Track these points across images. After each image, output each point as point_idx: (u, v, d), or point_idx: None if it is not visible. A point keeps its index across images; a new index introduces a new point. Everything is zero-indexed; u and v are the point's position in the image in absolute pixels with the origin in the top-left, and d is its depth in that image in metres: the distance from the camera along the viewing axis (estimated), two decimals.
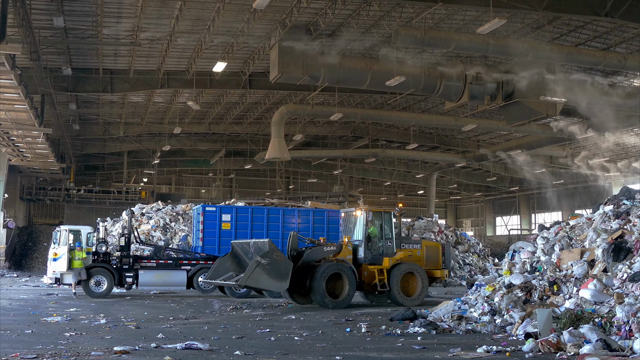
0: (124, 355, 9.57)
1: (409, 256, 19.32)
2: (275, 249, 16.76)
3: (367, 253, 18.75)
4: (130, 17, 24.72)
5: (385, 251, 18.93)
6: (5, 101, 24.42)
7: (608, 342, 9.88)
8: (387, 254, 18.92)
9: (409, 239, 20.79)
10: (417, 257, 19.59)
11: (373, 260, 18.77)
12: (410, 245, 19.72)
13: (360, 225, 19.12)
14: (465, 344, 10.98)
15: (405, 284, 18.95)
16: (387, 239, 19.07)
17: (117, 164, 53.76)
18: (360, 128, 45.69)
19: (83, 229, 22.97)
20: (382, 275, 18.58)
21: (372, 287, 18.64)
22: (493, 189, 66.09)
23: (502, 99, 27.66)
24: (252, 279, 16.21)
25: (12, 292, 22.27)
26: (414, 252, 19.56)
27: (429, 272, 19.51)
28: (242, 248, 18.41)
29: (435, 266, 19.89)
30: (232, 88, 33.48)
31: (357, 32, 26.01)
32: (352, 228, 19.51)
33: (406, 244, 19.69)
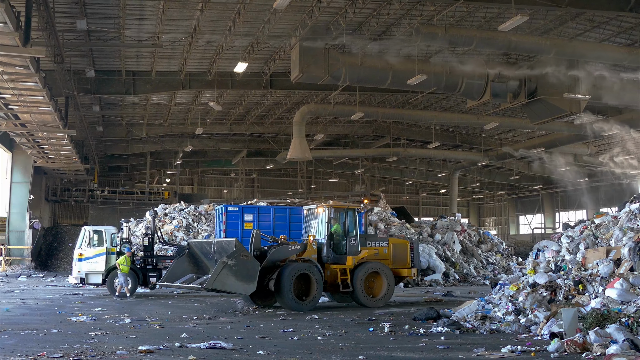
0: (149, 354, 9.64)
1: (374, 255, 18.33)
2: (242, 249, 15.80)
3: (330, 252, 17.68)
4: (152, 19, 24.90)
5: (349, 250, 17.85)
6: (30, 104, 24.76)
7: (635, 342, 9.75)
8: (351, 252, 17.83)
9: (376, 236, 19.58)
10: (384, 255, 18.62)
11: (336, 259, 17.74)
12: (376, 243, 18.75)
13: (323, 223, 18.05)
14: (489, 344, 10.90)
15: (370, 284, 18.07)
16: (351, 237, 18.01)
17: (140, 164, 54.18)
18: (382, 127, 45.59)
19: (107, 229, 23.17)
20: (345, 275, 17.56)
21: (335, 287, 17.64)
22: (516, 188, 65.61)
23: (524, 97, 27.42)
24: (219, 281, 15.18)
25: (38, 292, 22.53)
26: (380, 251, 18.57)
27: (396, 271, 18.64)
28: (201, 248, 17.43)
29: (403, 265, 19.01)
30: (253, 88, 33.61)
31: (378, 31, 25.95)
32: (315, 226, 18.44)
33: (372, 242, 18.70)
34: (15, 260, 36.79)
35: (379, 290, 18.12)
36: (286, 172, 60.90)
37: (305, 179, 58.68)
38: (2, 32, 17.30)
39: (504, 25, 20.71)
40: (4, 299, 18.85)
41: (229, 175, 62.04)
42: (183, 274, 17.03)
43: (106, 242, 22.01)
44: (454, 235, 34.37)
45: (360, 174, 55.60)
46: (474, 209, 76.32)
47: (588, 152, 45.27)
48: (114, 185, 53.82)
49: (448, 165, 57.26)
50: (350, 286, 17.54)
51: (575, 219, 53.08)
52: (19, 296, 20.34)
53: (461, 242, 34.79)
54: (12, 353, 9.47)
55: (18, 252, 37.32)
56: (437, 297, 21.53)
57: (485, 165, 55.37)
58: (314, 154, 42.64)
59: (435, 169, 58.37)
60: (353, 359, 9.52)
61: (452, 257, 32.70)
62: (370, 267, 17.90)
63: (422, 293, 23.97)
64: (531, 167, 53.57)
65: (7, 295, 20.59)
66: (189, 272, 17.13)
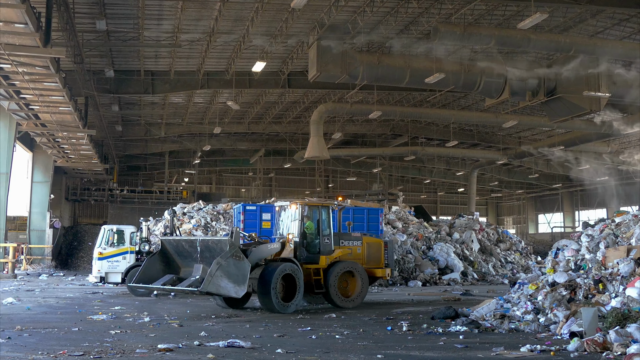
0: (168, 352, 9.70)
1: (348, 254, 17.69)
2: (236, 249, 14.85)
3: (303, 251, 16.85)
4: (171, 19, 25.04)
5: (323, 249, 17.11)
6: (50, 104, 25.01)
7: None
8: (324, 252, 17.10)
9: (350, 235, 18.63)
10: (358, 254, 18.00)
11: (309, 258, 16.93)
12: (350, 242, 18.04)
13: (295, 220, 17.25)
14: (508, 343, 10.86)
15: (343, 284, 17.34)
16: (325, 235, 17.26)
17: (158, 164, 54.52)
18: (400, 126, 45.49)
19: (126, 228, 23.35)
20: (318, 275, 16.82)
21: (309, 287, 16.76)
22: (535, 186, 65.19)
23: (544, 95, 27.22)
24: (214, 284, 14.11)
25: (59, 290, 22.74)
26: (354, 250, 17.97)
27: (370, 270, 18.04)
28: (177, 246, 16.08)
29: (377, 264, 18.41)
30: (271, 87, 33.67)
31: (395, 30, 25.90)
32: (287, 224, 17.66)
33: (346, 240, 18.00)
34: (36, 259, 37.19)
35: (352, 291, 17.45)
36: (304, 171, 60.96)
37: (323, 178, 58.71)
38: (23, 33, 17.49)
39: (523, 23, 20.57)
40: (26, 298, 19.06)
41: (246, 175, 62.24)
42: (158, 275, 15.71)
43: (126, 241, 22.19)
44: (472, 234, 34.25)
45: (378, 172, 55.52)
46: (492, 207, 75.94)
47: (608, 151, 44.87)
48: (133, 184, 54.18)
49: (466, 164, 57.01)
50: (324, 286, 16.86)
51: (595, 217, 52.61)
52: (40, 295, 20.55)
53: (479, 241, 34.66)
54: (34, 351, 9.58)
55: (39, 251, 37.72)
56: (456, 296, 21.47)
57: (504, 164, 55.08)
58: (331, 153, 42.66)
59: (454, 168, 58.15)
60: (371, 358, 9.52)
61: (470, 256, 32.60)
62: (344, 267, 17.23)
63: (440, 292, 23.91)
64: (550, 166, 53.20)
65: (28, 294, 20.81)
66: (164, 273, 15.80)
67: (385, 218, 30.73)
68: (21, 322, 13.04)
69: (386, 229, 29.71)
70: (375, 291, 24.46)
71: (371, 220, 26.20)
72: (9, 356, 9.14)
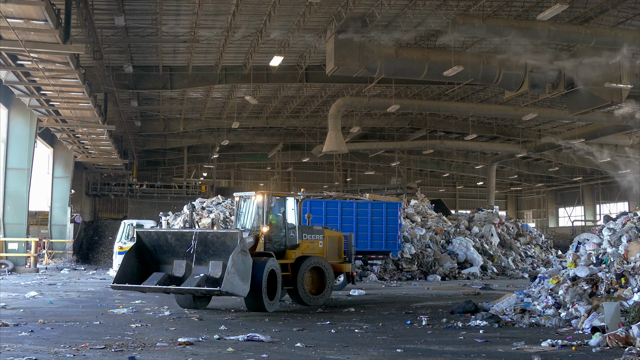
0: (188, 346, 9.76)
1: (310, 248, 16.64)
2: (245, 243, 13.91)
3: (269, 245, 15.55)
4: (188, 14, 25.09)
5: (288, 242, 16.06)
6: (70, 100, 25.19)
7: None
8: (289, 246, 16.06)
9: (311, 228, 17.33)
10: (320, 249, 16.89)
11: (276, 253, 15.53)
12: (312, 235, 16.85)
13: (260, 212, 16.10)
14: (529, 338, 10.80)
15: (309, 280, 16.31)
16: (290, 228, 16.25)
17: (177, 159, 54.79)
18: (418, 119, 45.31)
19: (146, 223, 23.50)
20: (286, 271, 15.70)
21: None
22: (555, 180, 64.67)
23: (564, 87, 26.95)
24: (229, 282, 13.06)
25: (80, 284, 22.96)
26: (316, 244, 16.83)
27: (335, 266, 17.14)
28: (158, 240, 14.40)
29: (337, 259, 17.42)
30: (289, 82, 33.66)
31: (413, 23, 25.76)
32: (250, 215, 16.47)
33: (308, 234, 16.78)
34: (58, 253, 37.60)
35: (319, 288, 16.43)
36: (322, 165, 60.96)
37: (341, 172, 58.67)
38: (43, 29, 17.60)
39: (543, 14, 20.35)
40: (48, 292, 19.27)
41: (265, 169, 62.37)
42: (139, 273, 14.11)
43: None
44: (492, 227, 34.10)
45: (396, 166, 55.38)
46: (512, 201, 75.47)
47: (630, 143, 44.34)
48: (152, 179, 54.55)
49: (485, 157, 56.68)
50: (292, 283, 15.79)
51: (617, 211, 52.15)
52: (62, 289, 20.76)
53: (499, 234, 34.49)
54: (56, 344, 9.68)
55: (60, 246, 38.13)
56: (475, 290, 21.39)
57: (524, 157, 54.67)
58: (349, 147, 42.58)
59: (473, 161, 57.83)
60: (391, 352, 9.51)
61: (490, 250, 32.46)
62: (312, 263, 16.20)
63: (459, 286, 23.83)
64: (571, 159, 52.74)
65: (50, 287, 21.03)
66: (143, 271, 14.19)
67: (403, 212, 30.65)
68: (43, 315, 13.19)
69: (405, 223, 29.65)
70: (394, 285, 24.44)
71: (389, 215, 26.13)
72: (32, 349, 9.24)
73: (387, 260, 27.24)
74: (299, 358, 8.97)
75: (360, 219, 25.40)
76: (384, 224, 25.63)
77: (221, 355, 9.13)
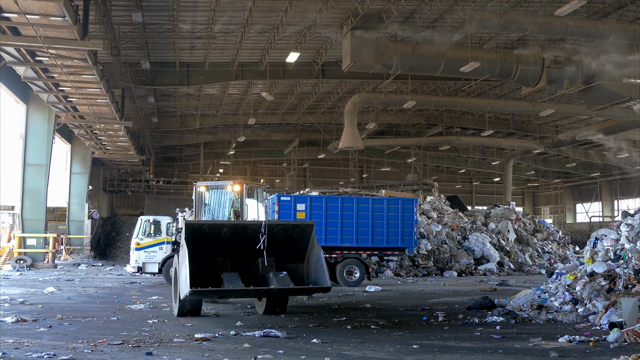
0: (205, 342, 9.80)
1: None
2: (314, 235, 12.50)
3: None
4: (205, 10, 25.16)
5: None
6: (88, 96, 25.39)
7: None
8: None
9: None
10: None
11: None
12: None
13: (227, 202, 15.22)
14: (546, 334, 10.74)
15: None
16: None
17: (194, 155, 54.98)
18: (434, 115, 45.16)
19: (163, 219, 23.62)
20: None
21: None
22: (573, 175, 64.20)
23: (582, 83, 26.73)
24: (325, 276, 11.95)
25: (97, 280, 23.14)
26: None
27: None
28: (217, 232, 12.09)
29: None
30: (305, 78, 33.66)
31: (430, 19, 25.66)
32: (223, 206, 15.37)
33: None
34: (75, 249, 37.92)
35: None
36: (338, 161, 60.94)
37: (357, 168, 58.61)
38: (61, 26, 17.75)
39: (561, 9, 20.20)
40: (65, 287, 19.44)
41: (281, 165, 62.44)
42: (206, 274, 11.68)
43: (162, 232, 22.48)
44: (509, 224, 33.95)
45: (412, 162, 55.23)
46: (528, 197, 75.01)
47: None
48: (169, 175, 54.81)
49: (502, 153, 56.39)
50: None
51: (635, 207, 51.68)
52: (80, 284, 20.94)
53: (516, 230, 34.35)
54: (74, 340, 9.76)
55: (78, 242, 38.45)
56: (492, 286, 21.32)
57: (541, 153, 54.30)
58: (365, 143, 42.51)
59: (489, 157, 57.57)
60: (407, 348, 9.50)
61: (506, 246, 32.33)
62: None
63: (476, 282, 23.76)
64: (588, 155, 52.34)
65: (68, 283, 21.22)
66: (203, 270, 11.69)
67: (419, 208, 30.59)
68: (62, 311, 13.31)
69: (421, 219, 29.59)
70: (410, 281, 24.41)
71: (405, 211, 26.03)
72: (51, 344, 9.33)
73: (403, 256, 27.20)
74: (315, 354, 8.98)
75: (376, 215, 25.30)
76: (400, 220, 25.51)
77: (237, 351, 9.16)
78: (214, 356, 8.69)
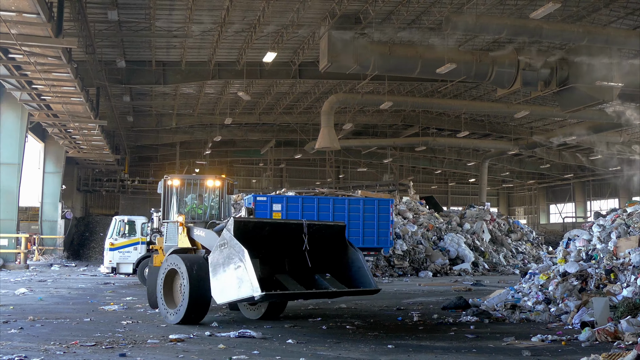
0: (179, 343, 9.75)
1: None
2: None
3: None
4: (182, 9, 25.02)
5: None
6: (62, 94, 25.09)
7: None
8: None
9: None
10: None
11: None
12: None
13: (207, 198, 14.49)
14: (519, 333, 10.85)
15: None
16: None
17: (169, 154, 54.65)
18: (411, 116, 45.37)
19: (138, 219, 23.45)
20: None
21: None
22: (547, 177, 64.95)
23: (556, 85, 27.06)
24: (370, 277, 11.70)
25: (70, 281, 22.88)
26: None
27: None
28: (263, 230, 11.47)
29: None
30: (282, 78, 33.62)
31: (407, 20, 25.78)
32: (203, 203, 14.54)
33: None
34: (48, 249, 37.46)
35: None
36: (315, 161, 60.96)
37: (333, 168, 58.67)
38: (35, 23, 17.53)
39: (536, 12, 20.43)
40: (37, 288, 19.20)
41: (257, 165, 62.30)
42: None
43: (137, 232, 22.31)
44: (483, 224, 34.20)
45: (389, 163, 55.44)
46: (503, 198, 75.67)
47: (620, 141, 44.56)
48: (144, 175, 54.39)
49: (477, 155, 56.84)
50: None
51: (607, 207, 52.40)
52: (52, 285, 20.70)
53: (490, 231, 34.61)
54: (46, 341, 9.64)
55: (51, 242, 37.98)
56: (466, 286, 21.46)
57: (515, 154, 54.86)
58: (342, 144, 42.58)
59: (465, 158, 57.99)
60: (382, 348, 9.53)
61: (481, 247, 32.57)
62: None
63: (451, 282, 23.90)
64: (562, 156, 52.95)
65: (40, 284, 20.96)
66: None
67: (395, 209, 30.72)
68: (33, 312, 13.15)
69: (397, 220, 29.71)
70: (385, 282, 24.48)
71: (381, 211, 26.19)
72: (22, 346, 9.20)
73: (379, 256, 27.30)
74: (291, 354, 8.97)
75: (352, 215, 25.45)
76: (376, 221, 25.69)
77: (212, 351, 9.12)
78: (189, 357, 8.65)
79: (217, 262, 10.48)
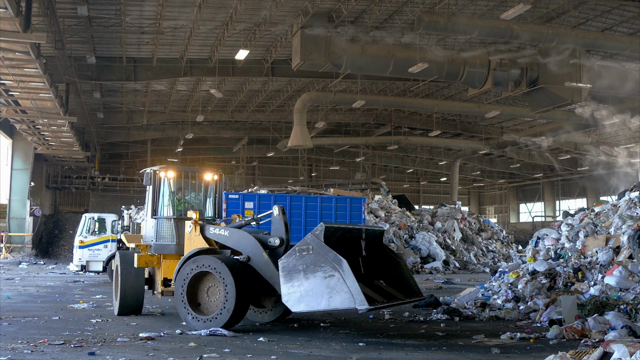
0: (149, 341, 9.69)
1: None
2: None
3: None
4: (153, 5, 24.80)
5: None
6: (30, 90, 24.72)
7: (633, 329, 9.81)
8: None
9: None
10: None
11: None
12: None
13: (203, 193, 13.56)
14: (488, 331, 10.96)
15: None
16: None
17: (141, 152, 54.15)
18: (383, 115, 45.54)
19: (108, 216, 23.23)
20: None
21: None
22: (517, 176, 65.62)
23: (526, 85, 27.38)
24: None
25: (39, 279, 22.59)
26: None
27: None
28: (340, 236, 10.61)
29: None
30: (255, 76, 33.50)
31: (380, 19, 25.85)
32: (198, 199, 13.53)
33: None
34: (16, 247, 36.88)
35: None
36: (287, 160, 60.87)
37: (306, 166, 58.67)
38: (3, 17, 17.25)
39: (507, 13, 20.62)
40: (5, 287, 18.93)
41: (229, 163, 61.99)
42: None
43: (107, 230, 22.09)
44: (455, 223, 34.46)
45: (361, 162, 55.58)
46: (474, 197, 76.30)
47: (589, 141, 45.23)
48: (115, 172, 53.85)
49: (449, 154, 57.25)
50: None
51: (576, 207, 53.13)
52: (20, 283, 20.41)
53: (461, 230, 34.89)
54: (14, 340, 9.51)
55: (19, 240, 37.40)
56: (437, 284, 21.62)
57: (486, 154, 55.37)
58: (314, 142, 42.57)
59: (436, 157, 58.36)
60: (353, 346, 9.57)
61: (452, 245, 32.81)
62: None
63: (422, 280, 24.04)
64: (532, 156, 53.56)
65: (7, 282, 20.66)
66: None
67: (367, 207, 30.82)
68: (0, 311, 12.95)
69: (369, 218, 29.81)
70: None
71: (354, 210, 26.27)
72: None
73: None
74: (262, 352, 8.97)
75: (324, 213, 25.49)
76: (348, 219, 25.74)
77: (183, 350, 9.08)
78: (159, 355, 8.59)
79: (294, 268, 9.79)
